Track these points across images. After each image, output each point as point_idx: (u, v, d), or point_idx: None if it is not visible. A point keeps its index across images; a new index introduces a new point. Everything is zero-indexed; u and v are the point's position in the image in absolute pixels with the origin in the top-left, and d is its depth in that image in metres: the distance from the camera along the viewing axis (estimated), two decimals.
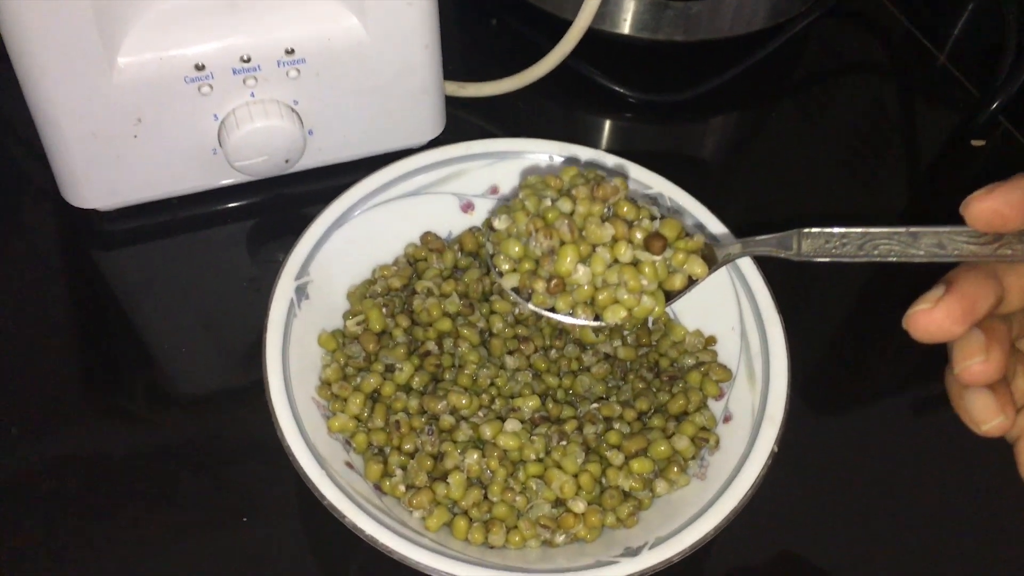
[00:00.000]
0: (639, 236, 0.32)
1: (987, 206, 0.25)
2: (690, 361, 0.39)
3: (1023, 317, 0.28)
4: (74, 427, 0.40)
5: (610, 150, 0.43)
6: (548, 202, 0.33)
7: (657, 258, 0.32)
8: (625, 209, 0.33)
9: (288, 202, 0.48)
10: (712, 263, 0.34)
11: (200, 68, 0.41)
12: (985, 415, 0.27)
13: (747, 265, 0.39)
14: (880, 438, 0.34)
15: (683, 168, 0.50)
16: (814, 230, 0.30)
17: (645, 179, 0.42)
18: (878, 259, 0.28)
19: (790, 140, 0.55)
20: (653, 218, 0.33)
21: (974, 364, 0.26)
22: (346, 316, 0.39)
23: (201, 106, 0.42)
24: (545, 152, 0.43)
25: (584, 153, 0.43)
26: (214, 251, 0.46)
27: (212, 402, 0.41)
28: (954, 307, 0.25)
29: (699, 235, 0.34)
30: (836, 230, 0.29)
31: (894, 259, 0.28)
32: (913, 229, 0.28)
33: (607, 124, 0.54)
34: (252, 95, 0.43)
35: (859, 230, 0.29)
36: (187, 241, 0.47)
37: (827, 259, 0.29)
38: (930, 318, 0.25)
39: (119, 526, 0.37)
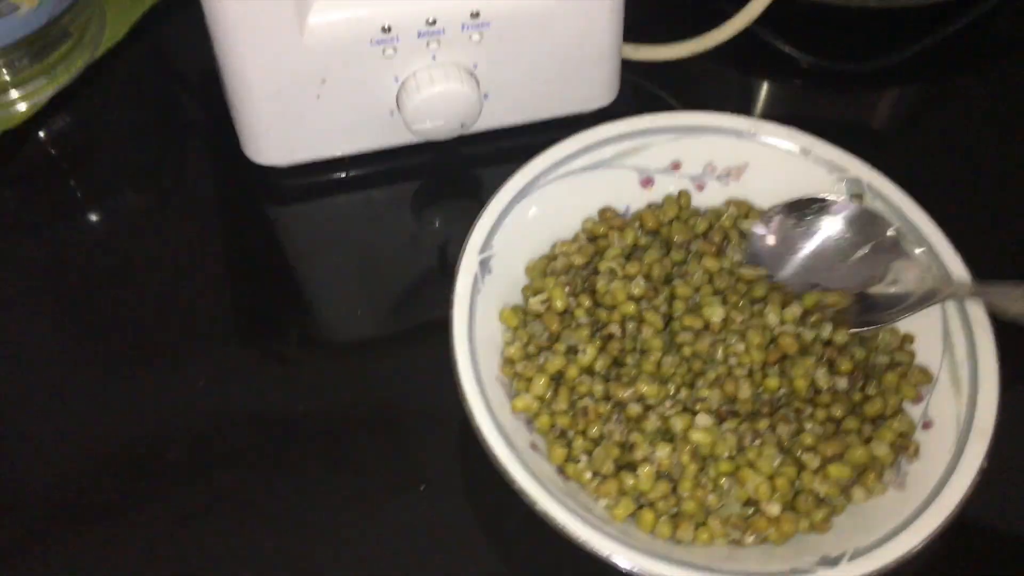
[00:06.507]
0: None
1: None
2: (884, 359, 0.37)
3: None
4: (255, 381, 0.41)
5: (788, 120, 0.41)
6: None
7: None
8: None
9: (453, 164, 0.47)
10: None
11: (386, 30, 0.40)
12: None
13: (952, 259, 0.37)
14: None
15: (866, 141, 0.47)
16: None
17: (842, 162, 0.40)
18: None
19: (978, 116, 0.51)
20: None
21: None
22: (525, 291, 0.39)
23: (383, 68, 0.42)
24: (733, 130, 0.41)
25: (780, 141, 0.41)
26: (381, 209, 0.47)
27: (381, 364, 0.42)
28: None
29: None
30: None
31: None
32: None
33: (786, 93, 0.52)
34: (433, 58, 0.42)
35: None
36: (356, 199, 0.47)
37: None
38: None
39: (306, 481, 0.38)
